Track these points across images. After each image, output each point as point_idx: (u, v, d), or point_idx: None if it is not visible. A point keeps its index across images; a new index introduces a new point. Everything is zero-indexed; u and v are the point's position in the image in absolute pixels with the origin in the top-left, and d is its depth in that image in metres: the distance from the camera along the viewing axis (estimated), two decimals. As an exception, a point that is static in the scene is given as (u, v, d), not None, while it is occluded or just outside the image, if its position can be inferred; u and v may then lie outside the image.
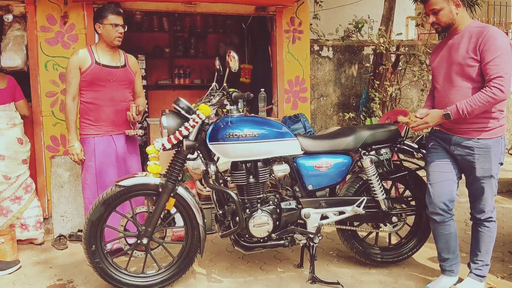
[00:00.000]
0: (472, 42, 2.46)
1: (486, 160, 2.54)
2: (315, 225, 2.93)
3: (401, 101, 6.15)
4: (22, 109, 3.62)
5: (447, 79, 2.59)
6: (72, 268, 3.23)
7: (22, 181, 3.58)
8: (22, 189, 3.59)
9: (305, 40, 4.68)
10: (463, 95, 2.50)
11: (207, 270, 3.17)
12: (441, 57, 2.65)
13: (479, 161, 2.55)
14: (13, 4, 3.77)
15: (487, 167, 2.55)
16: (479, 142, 2.53)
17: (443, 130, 2.69)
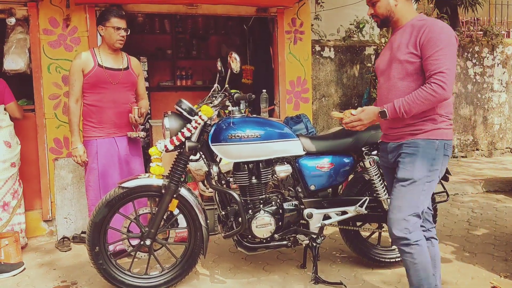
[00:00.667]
0: (413, 37, 2.20)
1: (411, 161, 2.22)
2: (317, 225, 2.94)
3: (403, 101, 6.14)
4: (13, 111, 3.61)
5: (387, 77, 2.33)
6: (76, 270, 3.24)
7: (11, 186, 3.55)
8: (10, 194, 3.56)
9: (307, 41, 4.68)
10: (403, 94, 2.22)
11: (210, 271, 3.18)
12: (383, 55, 2.41)
13: (404, 161, 2.24)
14: (16, 7, 3.79)
15: (410, 169, 2.21)
16: (409, 141, 2.24)
17: (383, 140, 2.45)
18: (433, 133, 2.22)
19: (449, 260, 3.29)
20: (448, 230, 3.95)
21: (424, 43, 2.15)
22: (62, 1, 3.87)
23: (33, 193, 3.92)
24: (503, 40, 7.00)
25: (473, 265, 3.19)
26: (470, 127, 7.07)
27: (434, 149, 2.21)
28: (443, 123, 2.23)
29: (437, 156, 2.22)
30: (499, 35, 6.81)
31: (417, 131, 2.23)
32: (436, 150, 2.21)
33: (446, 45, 2.12)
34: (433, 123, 2.22)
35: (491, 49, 6.82)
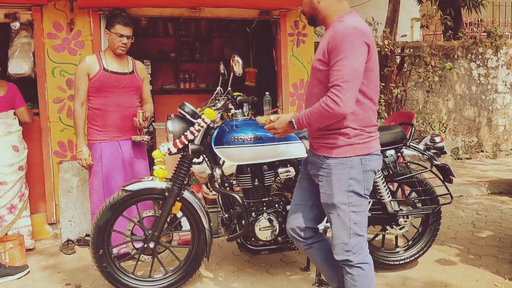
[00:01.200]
0: (325, 41, 2.01)
1: (328, 184, 2.08)
2: (321, 228, 2.93)
3: (407, 102, 6.14)
4: (23, 115, 3.65)
5: (308, 83, 2.20)
6: (80, 273, 3.25)
7: (18, 189, 3.59)
8: (18, 197, 3.59)
9: (310, 43, 4.68)
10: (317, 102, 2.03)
11: (214, 274, 3.18)
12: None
13: (322, 185, 2.12)
14: (20, 11, 3.82)
15: (329, 193, 2.08)
16: (323, 161, 2.09)
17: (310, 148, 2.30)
18: (345, 150, 2.04)
19: (453, 263, 3.28)
20: (453, 232, 3.94)
21: (330, 50, 1.96)
22: (66, 5, 3.89)
23: (38, 196, 3.94)
24: (507, 41, 6.98)
25: (478, 268, 3.18)
26: (474, 128, 7.04)
27: (349, 168, 2.04)
28: (357, 137, 2.04)
29: (355, 174, 2.05)
30: (503, 36, 6.79)
31: (330, 145, 2.07)
32: (352, 168, 2.04)
33: (348, 55, 1.89)
34: (346, 138, 2.04)
35: (495, 51, 6.81)
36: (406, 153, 3.09)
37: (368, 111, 2.05)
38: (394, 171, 3.01)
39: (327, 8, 2.08)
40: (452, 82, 6.80)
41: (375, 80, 2.05)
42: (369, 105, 2.05)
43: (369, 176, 2.09)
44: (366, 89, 2.02)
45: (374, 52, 2.01)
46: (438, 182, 3.13)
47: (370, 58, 1.98)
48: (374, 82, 2.05)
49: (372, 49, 1.98)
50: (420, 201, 3.16)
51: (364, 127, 2.06)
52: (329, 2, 2.08)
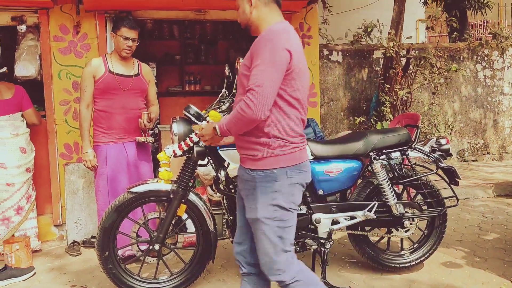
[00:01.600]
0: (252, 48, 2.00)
1: (252, 198, 2.01)
2: (326, 230, 2.92)
3: (412, 104, 6.12)
4: (30, 117, 3.68)
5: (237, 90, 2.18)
6: (86, 274, 3.26)
7: (25, 191, 3.62)
8: (25, 198, 3.62)
9: (314, 45, 4.68)
10: None
11: (219, 276, 3.18)
12: None
13: (247, 199, 2.06)
14: (27, 14, 3.85)
15: (253, 207, 2.01)
16: (249, 174, 2.02)
17: None
18: (268, 162, 1.97)
19: (459, 265, 3.27)
20: (459, 235, 3.92)
21: (251, 56, 1.95)
22: (73, 8, 3.92)
23: (44, 198, 3.97)
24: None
25: (484, 270, 3.16)
26: (480, 130, 7.01)
27: (273, 181, 1.96)
28: (281, 148, 1.96)
29: (279, 187, 1.97)
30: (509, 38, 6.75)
31: (254, 157, 2.00)
32: (276, 180, 1.96)
33: (265, 60, 1.87)
34: (269, 149, 1.97)
35: (501, 52, 6.77)
36: (412, 155, 3.08)
37: (292, 120, 1.98)
38: (399, 173, 3.01)
39: (258, 18, 2.07)
40: (457, 84, 6.77)
41: (301, 88, 2.00)
42: (293, 114, 1.98)
43: (295, 189, 2.01)
44: (290, 98, 1.97)
45: (299, 61, 1.97)
46: (444, 185, 3.12)
47: (293, 66, 1.94)
48: (300, 90, 1.99)
49: (296, 57, 1.94)
50: (426, 203, 3.15)
51: (288, 137, 1.98)
52: (260, 13, 2.07)
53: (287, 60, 1.91)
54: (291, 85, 1.96)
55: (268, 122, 1.95)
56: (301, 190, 2.06)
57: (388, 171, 3.01)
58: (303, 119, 2.07)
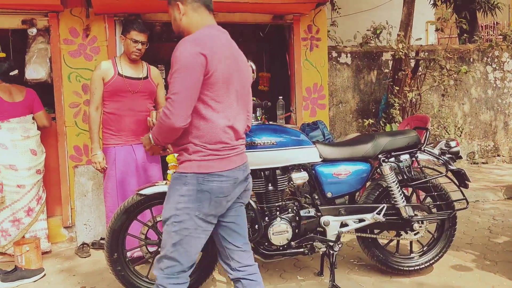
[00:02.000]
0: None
1: (166, 197, 2.00)
2: (334, 233, 2.92)
3: (422, 106, 6.08)
4: (41, 119, 3.72)
5: None
6: (95, 276, 3.28)
7: (36, 192, 3.66)
8: (35, 200, 3.66)
9: (323, 48, 4.68)
10: None
11: (227, 278, 3.18)
12: None
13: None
14: (37, 18, 3.89)
15: (164, 207, 2.00)
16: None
17: None
18: (184, 165, 1.94)
19: (469, 269, 3.23)
20: (469, 238, 3.88)
21: (171, 64, 1.91)
22: (82, 12, 3.95)
23: (54, 199, 4.00)
24: (523, 44, 6.87)
25: (494, 274, 3.12)
26: (490, 132, 6.94)
27: (182, 184, 1.91)
28: (197, 154, 1.91)
29: (187, 192, 1.90)
30: (520, 39, 6.69)
31: (178, 160, 2.00)
32: (185, 185, 1.91)
33: (179, 67, 1.84)
34: (186, 153, 1.94)
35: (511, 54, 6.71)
36: (421, 158, 3.06)
37: (214, 128, 1.92)
38: (408, 176, 2.99)
39: (188, 25, 2.03)
40: (467, 85, 6.72)
41: (225, 94, 1.93)
42: (217, 122, 1.92)
43: (204, 197, 1.91)
44: (213, 103, 1.91)
45: (224, 64, 1.91)
46: (454, 187, 3.10)
47: (212, 70, 1.87)
48: (225, 96, 1.93)
49: (214, 61, 1.87)
50: (435, 206, 3.12)
51: (207, 144, 1.92)
52: (190, 19, 2.02)
53: (202, 64, 1.85)
54: (213, 90, 1.90)
55: (188, 127, 1.91)
56: (214, 200, 1.93)
57: (397, 173, 2.99)
58: (235, 127, 1.98)
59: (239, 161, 2.01)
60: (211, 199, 1.92)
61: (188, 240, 1.95)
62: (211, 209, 1.94)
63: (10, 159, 3.51)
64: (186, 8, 2.01)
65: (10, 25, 3.87)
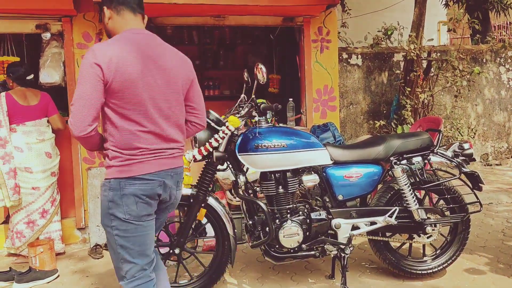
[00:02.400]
0: None
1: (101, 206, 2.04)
2: (346, 236, 2.91)
3: (434, 107, 6.03)
4: (55, 123, 3.77)
5: None
6: (108, 277, 3.31)
7: (50, 194, 3.72)
8: (50, 202, 3.72)
9: (333, 49, 4.67)
10: None
11: (238, 280, 3.19)
12: None
13: None
14: (51, 22, 3.95)
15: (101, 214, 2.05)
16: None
17: None
18: (107, 171, 1.98)
19: (483, 272, 3.20)
20: (482, 241, 3.84)
21: None
22: (95, 16, 4.00)
23: (68, 201, 4.05)
24: (537, 44, 6.77)
25: (508, 277, 3.08)
26: (504, 134, 6.85)
27: (108, 190, 1.95)
28: (116, 159, 1.94)
29: (113, 197, 1.94)
30: (534, 39, 6.61)
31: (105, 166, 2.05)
32: (111, 190, 1.94)
33: (78, 78, 1.87)
34: (108, 159, 1.98)
35: (526, 54, 6.63)
36: (434, 160, 3.04)
37: (126, 134, 1.92)
38: (421, 179, 2.97)
39: (113, 28, 2.04)
40: (480, 86, 6.65)
41: (135, 100, 1.91)
42: (129, 128, 1.91)
43: (129, 201, 1.94)
44: (123, 111, 1.90)
45: (125, 71, 1.87)
46: (467, 190, 3.06)
47: (109, 79, 1.85)
48: (134, 102, 1.91)
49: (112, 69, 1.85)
50: (449, 209, 3.10)
51: (122, 150, 1.93)
52: (114, 23, 2.03)
53: (96, 75, 1.84)
54: (119, 98, 1.89)
55: (106, 134, 1.97)
56: (140, 202, 1.96)
57: (409, 176, 2.97)
58: (156, 132, 1.97)
59: (165, 165, 2.01)
60: (137, 202, 1.95)
61: (134, 240, 1.98)
62: (140, 210, 1.97)
63: (25, 161, 3.57)
64: (112, 12, 2.02)
65: (24, 29, 3.93)
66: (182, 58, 2.12)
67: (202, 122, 2.24)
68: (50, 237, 3.70)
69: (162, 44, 2.05)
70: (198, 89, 2.21)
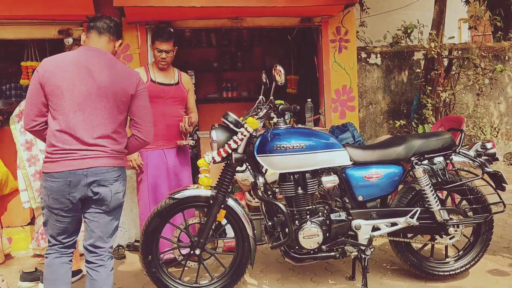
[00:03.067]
0: None
1: None
2: (366, 237, 2.89)
3: (456, 106, 5.93)
4: None
5: None
6: (130, 277, 3.36)
7: None
8: None
9: (352, 49, 4.64)
10: None
11: (258, 281, 3.20)
12: None
13: None
14: (73, 28, 4.03)
15: None
16: None
17: None
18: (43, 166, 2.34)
19: (507, 273, 3.14)
20: (506, 241, 3.76)
21: None
22: (115, 20, 4.06)
23: (90, 203, 4.11)
24: (562, 40, 6.59)
25: (535, 280, 3.02)
26: (529, 132, 6.70)
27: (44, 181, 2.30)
28: (49, 155, 2.27)
29: (41, 187, 2.33)
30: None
31: None
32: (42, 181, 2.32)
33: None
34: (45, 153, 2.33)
35: (550, 51, 6.46)
36: (456, 160, 3.00)
37: (49, 132, 2.27)
38: (443, 179, 2.93)
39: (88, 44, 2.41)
40: (503, 84, 6.50)
41: (59, 103, 2.23)
42: (52, 127, 2.26)
43: (45, 193, 2.29)
44: (52, 111, 2.26)
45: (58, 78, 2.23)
46: (490, 190, 3.01)
47: (44, 83, 2.22)
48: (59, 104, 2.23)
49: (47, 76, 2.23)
50: (471, 209, 3.05)
51: (46, 147, 2.29)
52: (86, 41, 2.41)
53: (36, 79, 2.24)
54: (51, 101, 2.25)
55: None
56: (51, 197, 2.27)
57: (431, 176, 2.94)
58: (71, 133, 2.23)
59: (75, 166, 2.24)
60: (49, 195, 2.27)
61: (49, 223, 2.35)
62: (52, 203, 2.28)
63: None
64: (86, 34, 2.42)
65: (47, 35, 4.03)
66: (125, 74, 2.38)
67: (143, 136, 2.45)
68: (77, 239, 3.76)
69: (107, 61, 2.35)
70: (143, 104, 2.42)
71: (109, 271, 2.39)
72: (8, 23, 3.87)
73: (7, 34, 3.94)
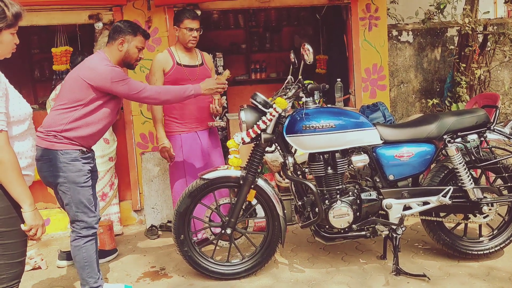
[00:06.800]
0: None
1: None
2: (397, 216, 2.87)
3: (491, 84, 5.73)
4: None
5: None
6: (164, 256, 3.46)
7: (109, 178, 3.90)
8: (108, 186, 3.90)
9: (382, 27, 4.54)
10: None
11: (289, 260, 3.23)
12: None
13: None
14: (102, 12, 4.10)
15: None
16: None
17: None
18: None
19: (545, 254, 3.06)
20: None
21: None
22: (144, 4, 4.10)
23: (124, 185, 4.24)
24: None
25: None
26: None
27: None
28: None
29: None
30: None
31: None
32: None
33: None
34: None
35: None
36: (490, 138, 2.92)
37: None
38: (476, 157, 2.86)
39: None
40: (543, 59, 6.23)
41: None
42: None
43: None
44: None
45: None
46: (527, 168, 2.92)
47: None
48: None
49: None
50: (506, 188, 2.97)
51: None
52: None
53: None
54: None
55: None
56: None
57: (464, 154, 2.87)
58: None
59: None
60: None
61: None
62: None
63: None
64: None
65: (77, 20, 4.11)
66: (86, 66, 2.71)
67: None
68: (110, 219, 3.90)
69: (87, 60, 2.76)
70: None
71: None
72: (40, 9, 3.97)
73: (40, 21, 4.05)
